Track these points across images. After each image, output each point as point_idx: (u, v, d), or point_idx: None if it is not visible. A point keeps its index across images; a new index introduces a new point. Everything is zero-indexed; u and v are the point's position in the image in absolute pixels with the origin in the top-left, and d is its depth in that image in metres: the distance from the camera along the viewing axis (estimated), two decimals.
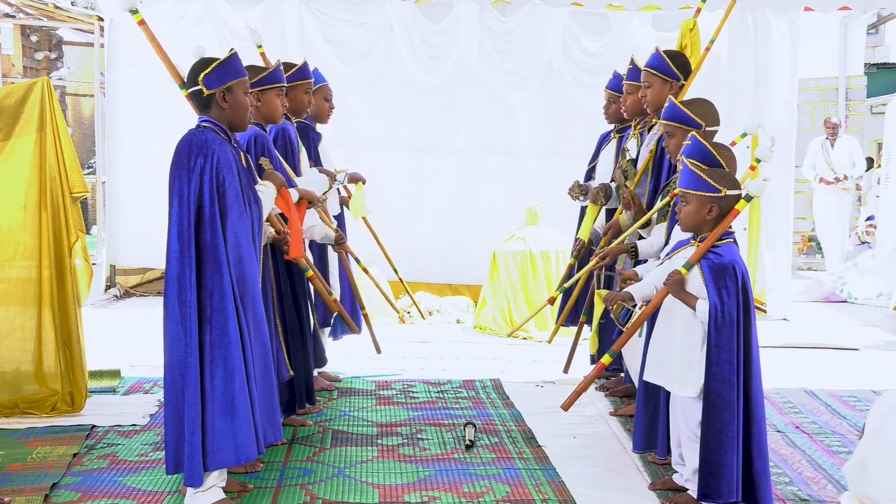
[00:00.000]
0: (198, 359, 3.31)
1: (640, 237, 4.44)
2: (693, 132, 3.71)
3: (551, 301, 5.40)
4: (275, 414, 3.59)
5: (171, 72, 3.76)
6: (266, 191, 3.71)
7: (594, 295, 4.89)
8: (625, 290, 3.72)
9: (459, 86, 8.02)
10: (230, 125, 3.55)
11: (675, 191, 3.63)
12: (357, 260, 5.37)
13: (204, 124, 3.48)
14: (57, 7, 9.71)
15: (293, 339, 4.40)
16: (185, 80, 3.59)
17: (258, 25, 6.88)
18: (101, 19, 8.74)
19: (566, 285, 5.13)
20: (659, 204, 4.24)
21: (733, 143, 4.29)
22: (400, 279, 5.88)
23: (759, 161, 3.62)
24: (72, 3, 9.73)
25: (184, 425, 3.32)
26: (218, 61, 3.51)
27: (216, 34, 7.65)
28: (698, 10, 4.98)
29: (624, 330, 3.68)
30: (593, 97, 5.78)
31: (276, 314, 4.05)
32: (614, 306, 3.74)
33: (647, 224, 4.37)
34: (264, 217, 3.64)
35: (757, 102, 7.70)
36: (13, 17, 11.06)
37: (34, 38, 12.63)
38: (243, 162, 3.55)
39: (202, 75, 3.48)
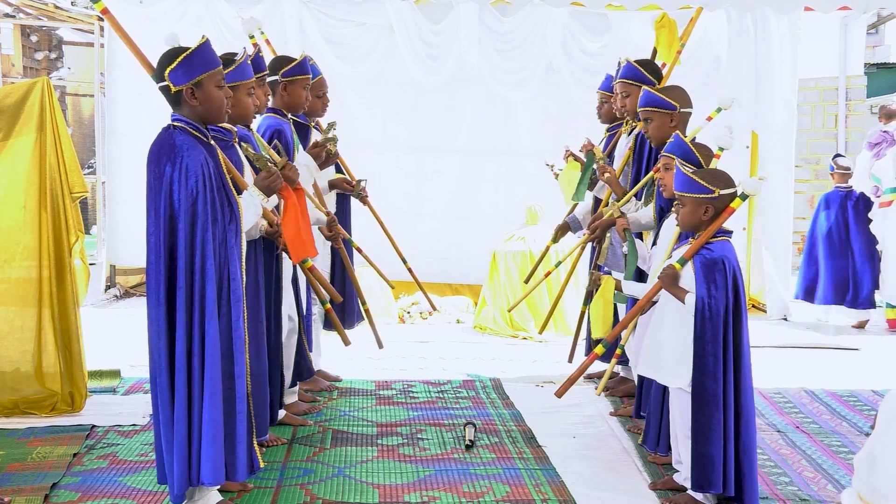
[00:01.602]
0: (168, 378, 3.20)
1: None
2: (671, 115, 4.14)
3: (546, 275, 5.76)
4: (217, 454, 3.23)
5: (142, 63, 3.41)
6: (251, 199, 3.49)
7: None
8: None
9: (459, 86, 8.02)
10: (203, 121, 3.29)
11: (658, 165, 4.02)
12: (350, 240, 5.33)
13: (175, 123, 3.24)
14: (57, 7, 9.69)
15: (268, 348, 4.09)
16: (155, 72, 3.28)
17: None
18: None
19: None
20: (643, 180, 4.48)
21: (709, 119, 4.42)
22: (409, 269, 5.79)
23: (722, 150, 3.70)
24: (72, 3, 9.71)
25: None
26: (184, 54, 3.20)
27: (216, 34, 7.64)
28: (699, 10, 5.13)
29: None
30: (593, 97, 5.79)
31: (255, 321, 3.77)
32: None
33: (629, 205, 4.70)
34: (245, 226, 3.39)
35: (757, 102, 7.69)
36: (13, 17, 11.04)
37: (34, 38, 12.62)
38: (221, 160, 3.33)
39: (167, 70, 3.19)
